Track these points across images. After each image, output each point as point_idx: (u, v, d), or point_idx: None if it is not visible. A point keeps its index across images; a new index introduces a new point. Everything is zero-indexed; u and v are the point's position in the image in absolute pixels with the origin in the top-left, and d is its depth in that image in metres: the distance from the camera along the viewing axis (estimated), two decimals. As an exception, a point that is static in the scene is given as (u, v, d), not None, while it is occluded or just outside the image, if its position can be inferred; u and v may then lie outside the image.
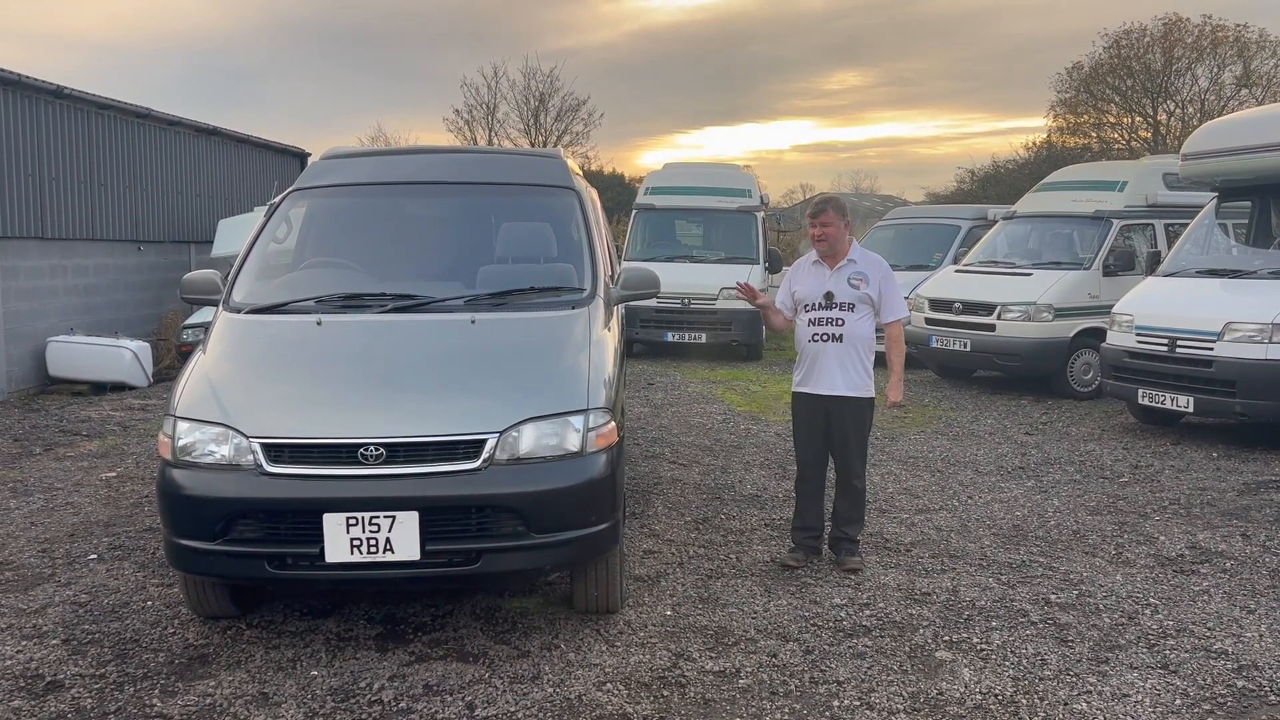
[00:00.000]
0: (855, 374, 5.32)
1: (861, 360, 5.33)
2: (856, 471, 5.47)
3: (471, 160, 6.29)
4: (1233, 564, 5.59)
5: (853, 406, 5.34)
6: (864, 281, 5.32)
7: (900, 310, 5.41)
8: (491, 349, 4.66)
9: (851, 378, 5.31)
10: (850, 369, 5.30)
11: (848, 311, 5.30)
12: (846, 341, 5.29)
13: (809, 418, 5.46)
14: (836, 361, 5.31)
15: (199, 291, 5.20)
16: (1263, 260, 9.04)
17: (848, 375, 5.31)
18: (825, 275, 5.39)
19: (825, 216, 5.29)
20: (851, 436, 5.39)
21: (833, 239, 5.32)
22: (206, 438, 4.19)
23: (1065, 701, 3.96)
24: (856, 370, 5.32)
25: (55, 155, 12.92)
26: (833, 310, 5.31)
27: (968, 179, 39.96)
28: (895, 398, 5.45)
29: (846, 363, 5.30)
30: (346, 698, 3.98)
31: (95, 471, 7.92)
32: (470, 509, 4.10)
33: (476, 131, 39.03)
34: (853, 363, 5.31)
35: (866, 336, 5.33)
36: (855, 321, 5.30)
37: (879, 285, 5.33)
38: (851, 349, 5.30)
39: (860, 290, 5.31)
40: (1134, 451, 8.52)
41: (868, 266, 5.38)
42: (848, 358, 5.30)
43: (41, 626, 4.74)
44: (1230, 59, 34.62)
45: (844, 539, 5.54)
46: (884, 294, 5.35)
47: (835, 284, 5.34)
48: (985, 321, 11.40)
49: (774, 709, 3.90)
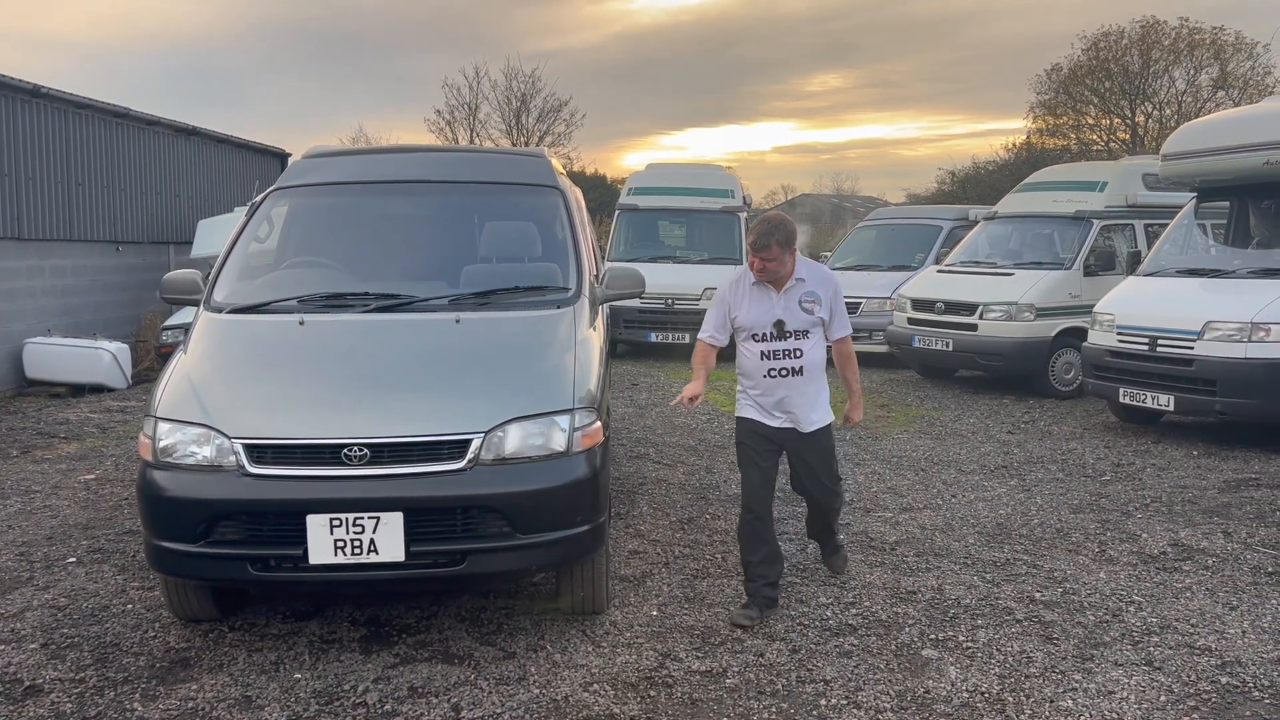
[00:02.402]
0: (820, 405, 4.81)
1: (823, 388, 4.84)
2: (830, 493, 5.02)
3: (455, 159, 6.26)
4: (1214, 561, 5.62)
5: (819, 437, 4.83)
6: (816, 303, 4.70)
7: (848, 325, 4.87)
8: (476, 349, 4.63)
9: (819, 410, 4.81)
10: (816, 400, 4.78)
11: (803, 339, 4.70)
12: (807, 373, 4.72)
13: (763, 446, 4.82)
14: (800, 395, 4.74)
15: (180, 291, 5.15)
16: (1241, 260, 9.11)
17: (815, 409, 4.78)
18: (771, 299, 4.69)
19: (769, 253, 4.57)
20: (823, 467, 4.91)
21: (774, 272, 4.65)
22: (188, 439, 4.14)
23: (1051, 699, 3.97)
24: (820, 399, 4.81)
25: (32, 155, 12.80)
26: (788, 340, 4.69)
27: (948, 180, 40.17)
28: (858, 418, 5.00)
29: (810, 394, 4.76)
30: (330, 700, 3.94)
31: (74, 474, 7.83)
32: (455, 509, 4.07)
33: (458, 132, 38.92)
34: (816, 392, 4.78)
35: (822, 359, 4.80)
36: (812, 348, 4.72)
37: (830, 304, 4.74)
38: (812, 380, 4.75)
39: (814, 314, 4.70)
40: (1115, 450, 8.56)
41: (818, 284, 4.73)
42: (810, 388, 4.76)
43: (20, 630, 4.68)
44: (1207, 61, 34.97)
45: (824, 545, 5.36)
46: (834, 312, 4.77)
47: (785, 309, 4.68)
48: (967, 321, 11.44)
49: (761, 708, 3.89)
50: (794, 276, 4.68)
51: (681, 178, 16.37)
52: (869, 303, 13.94)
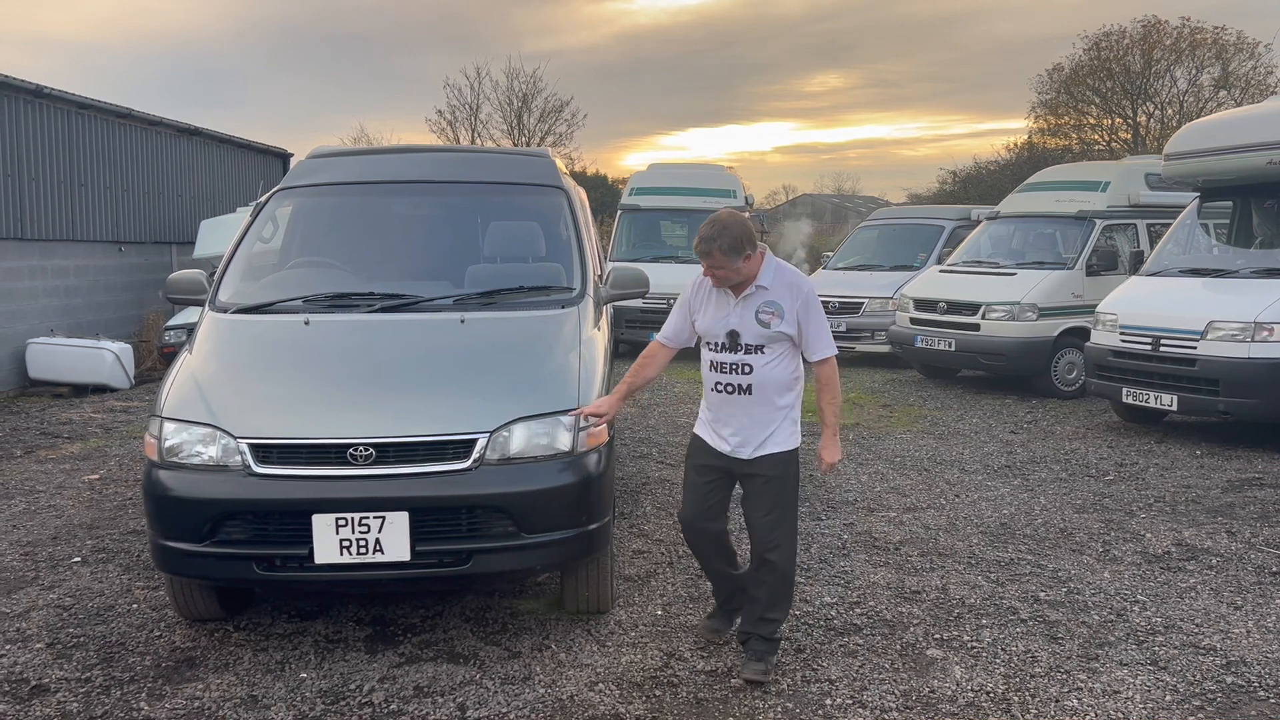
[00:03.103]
0: (773, 430, 4.10)
1: (780, 414, 4.11)
2: (775, 542, 4.09)
3: (459, 159, 6.27)
4: (1219, 561, 5.62)
5: (768, 466, 4.11)
6: (775, 315, 4.00)
7: (828, 346, 4.08)
8: (481, 348, 4.63)
9: (768, 435, 4.10)
10: (766, 425, 4.09)
11: (755, 355, 4.04)
12: (758, 392, 4.06)
13: (707, 475, 4.23)
14: (747, 417, 4.09)
15: (184, 291, 5.16)
16: (1245, 260, 9.11)
17: (762, 433, 4.09)
18: (729, 305, 4.09)
19: (712, 260, 3.95)
20: (768, 504, 4.11)
21: (725, 279, 4.03)
22: (193, 438, 4.15)
23: (1057, 699, 3.97)
24: (775, 425, 4.10)
25: (35, 155, 12.80)
26: (737, 353, 4.06)
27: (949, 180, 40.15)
28: (830, 458, 4.18)
29: (759, 418, 4.08)
30: (336, 700, 3.95)
31: (77, 474, 7.84)
32: (461, 509, 4.08)
33: (459, 132, 38.92)
34: (767, 415, 4.09)
35: (784, 379, 4.09)
36: (767, 366, 4.04)
37: (797, 317, 4.01)
38: (763, 401, 4.07)
39: (771, 328, 4.01)
40: (1119, 450, 8.56)
41: (781, 293, 4.02)
42: (760, 411, 4.08)
43: (25, 630, 4.68)
44: (1208, 61, 34.95)
45: (753, 636, 4.18)
46: (805, 327, 4.03)
47: (740, 319, 4.05)
48: (970, 321, 11.44)
49: (767, 708, 3.90)
50: (755, 283, 4.03)
51: (683, 178, 16.37)
52: (871, 303, 13.94)
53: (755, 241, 3.97)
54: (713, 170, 17.23)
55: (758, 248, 3.99)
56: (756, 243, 3.98)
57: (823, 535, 6.09)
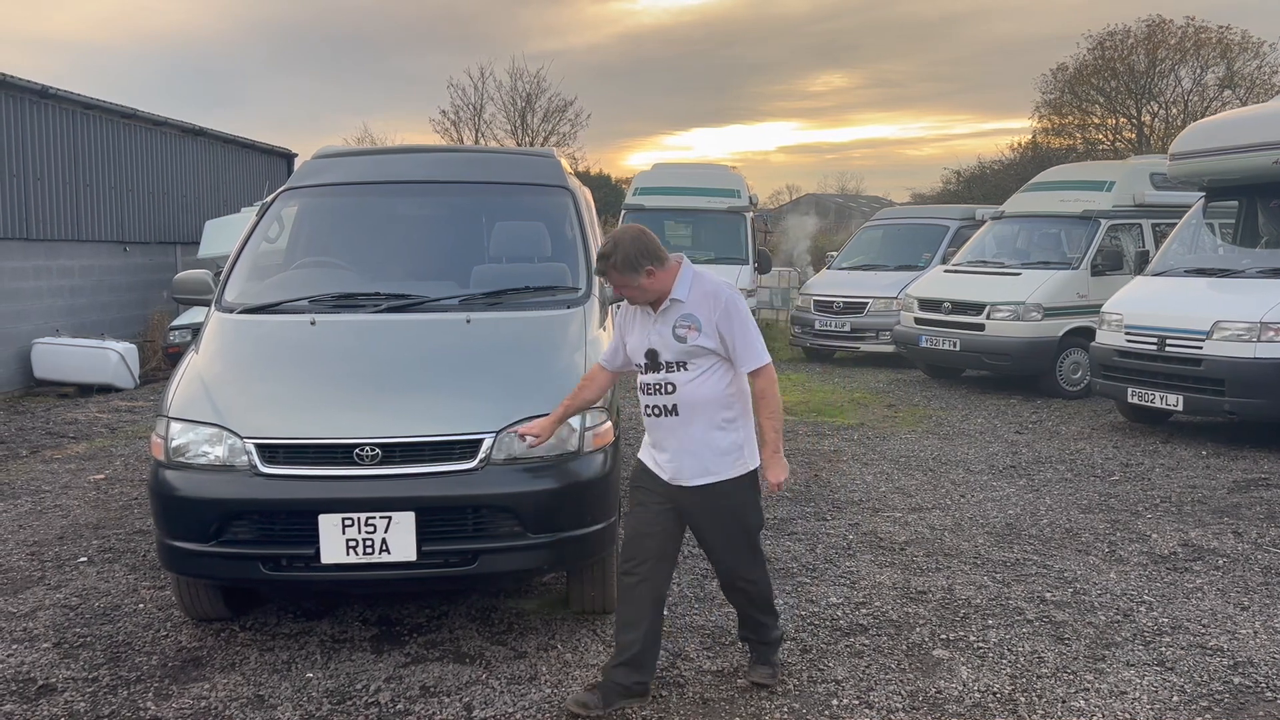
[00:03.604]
0: (713, 454, 3.76)
1: (716, 429, 3.76)
2: (743, 573, 3.93)
3: (465, 159, 6.27)
4: (1225, 561, 5.61)
5: (716, 495, 3.79)
6: (692, 329, 3.71)
7: (758, 355, 3.73)
8: (487, 348, 4.64)
9: (704, 460, 3.76)
10: (703, 448, 3.75)
11: (678, 372, 3.74)
12: (685, 413, 3.74)
13: (651, 500, 3.87)
14: (676, 440, 3.77)
15: (191, 291, 5.17)
16: (1250, 259, 9.10)
17: (701, 459, 3.76)
18: (649, 322, 3.82)
19: (610, 279, 3.78)
20: (724, 533, 3.86)
21: (634, 298, 3.80)
22: (200, 438, 4.16)
23: (1063, 699, 3.96)
24: (711, 446, 3.76)
25: (40, 155, 12.82)
26: (659, 373, 3.77)
27: (954, 180, 40.11)
28: (775, 478, 3.82)
29: (693, 440, 3.75)
30: (343, 700, 3.95)
31: (83, 474, 7.85)
32: (467, 509, 4.08)
33: (463, 132, 38.94)
34: (702, 437, 3.75)
35: (714, 396, 3.74)
36: (693, 383, 3.73)
37: (717, 328, 3.70)
38: (693, 422, 3.74)
39: (688, 343, 3.71)
40: (1124, 450, 8.55)
41: (698, 304, 3.73)
42: (692, 432, 3.75)
43: (32, 630, 4.69)
44: (1213, 60, 34.87)
45: (753, 640, 4.13)
46: (729, 338, 3.71)
47: (658, 336, 3.77)
48: (974, 321, 11.44)
49: (773, 708, 3.89)
50: (670, 296, 3.76)
51: (687, 178, 16.36)
52: (876, 302, 13.95)
53: (659, 255, 3.71)
54: (717, 170, 17.22)
55: (666, 262, 3.73)
56: (663, 256, 3.73)
57: (828, 535, 6.08)
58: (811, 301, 14.83)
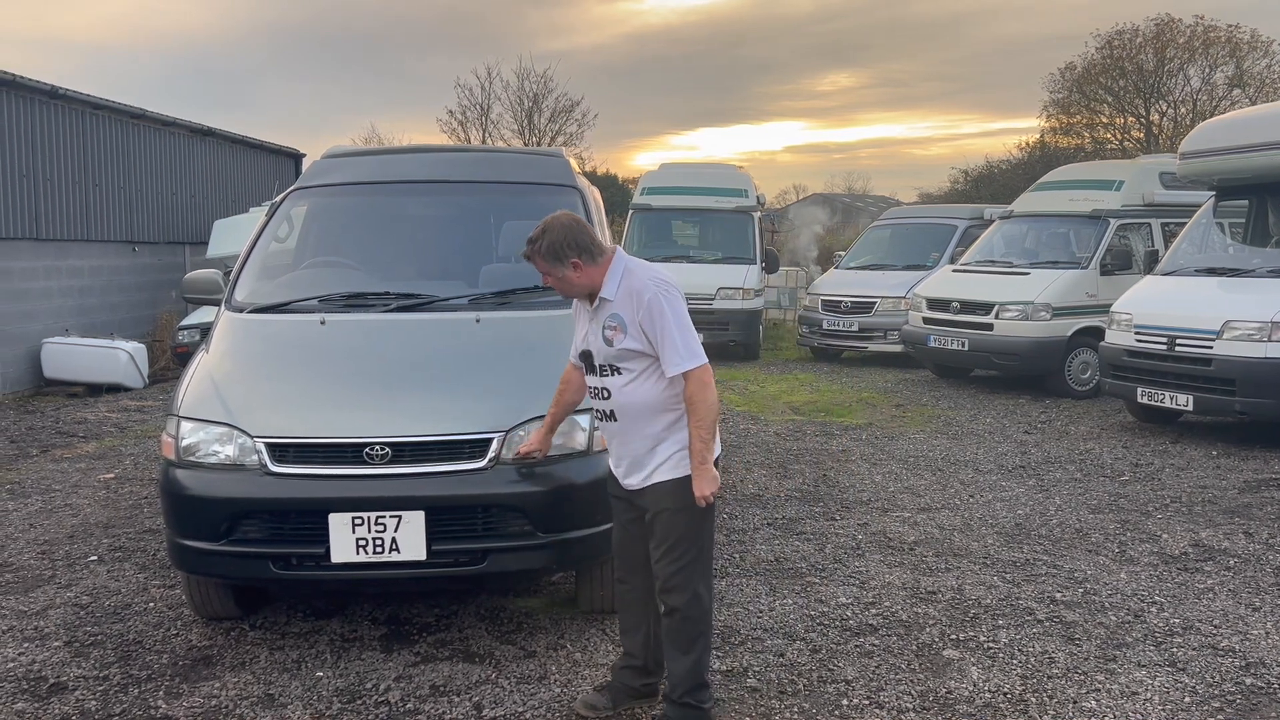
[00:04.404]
0: (648, 456, 3.54)
1: (656, 435, 3.52)
2: (670, 585, 3.54)
3: (473, 159, 6.27)
4: (1236, 562, 5.59)
5: (654, 496, 3.55)
6: (618, 330, 3.46)
7: (685, 357, 3.40)
8: (496, 348, 4.64)
9: (643, 463, 3.55)
10: (640, 452, 3.55)
11: (611, 377, 3.53)
12: (623, 419, 3.55)
13: (619, 507, 3.77)
14: (623, 446, 3.60)
15: (201, 291, 5.18)
16: (1261, 259, 9.06)
17: (647, 460, 3.54)
18: (587, 321, 3.64)
19: (537, 265, 3.56)
20: (659, 539, 3.55)
21: (562, 290, 3.62)
22: (210, 437, 4.16)
23: (1075, 699, 3.95)
24: (650, 450, 3.53)
25: (50, 156, 12.86)
26: (594, 376, 3.61)
27: (961, 179, 40.06)
28: (699, 491, 3.42)
29: (636, 444, 3.55)
30: (353, 699, 3.95)
31: (93, 473, 7.88)
32: (476, 508, 4.08)
33: (470, 132, 38.96)
34: (645, 441, 3.53)
35: (651, 402, 3.49)
36: (626, 388, 3.50)
37: (641, 328, 3.43)
38: (633, 427, 3.54)
39: (615, 345, 3.47)
40: (1134, 450, 8.52)
41: (624, 304, 3.46)
42: (634, 436, 3.55)
43: (43, 629, 4.71)
44: (1222, 59, 34.78)
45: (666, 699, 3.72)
46: (654, 339, 3.42)
47: (593, 337, 3.57)
48: (983, 321, 11.41)
49: (783, 708, 3.89)
50: (600, 294, 3.51)
51: (695, 177, 16.35)
52: (884, 302, 13.93)
53: (590, 249, 3.46)
54: (724, 169, 17.21)
55: (598, 256, 3.48)
56: (594, 250, 3.47)
57: (837, 535, 6.07)
58: (819, 301, 14.81)
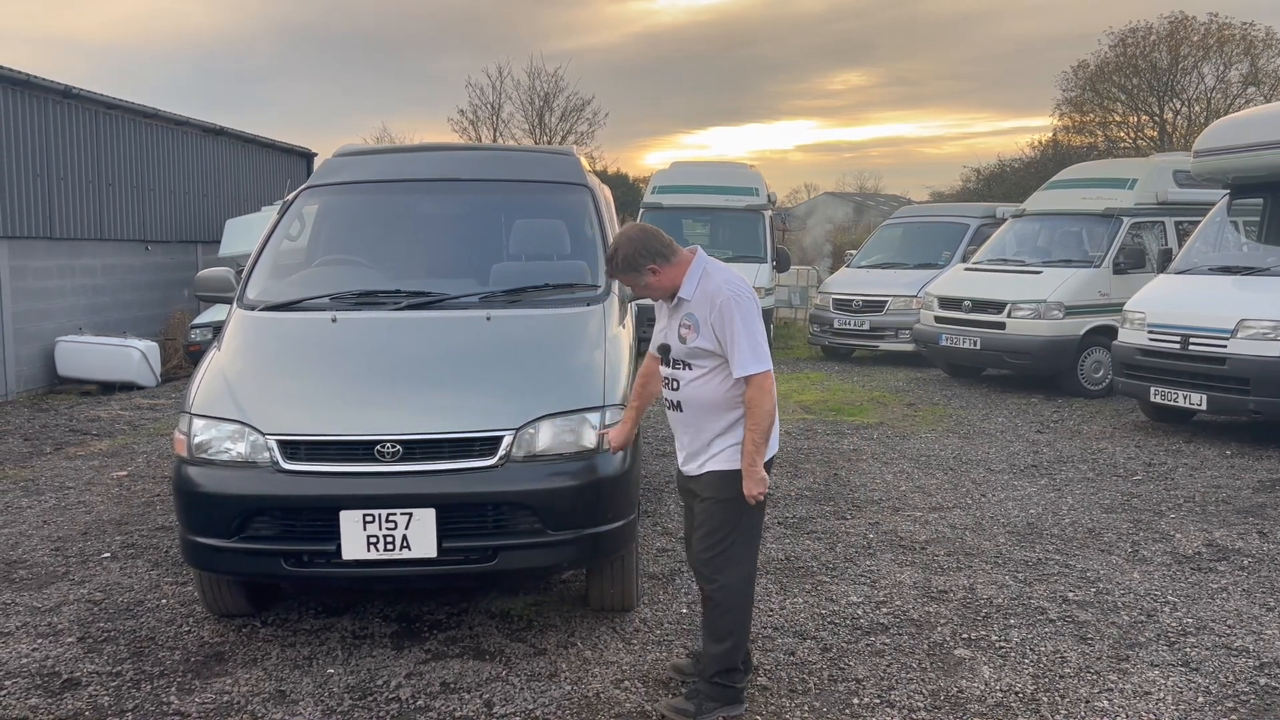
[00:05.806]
0: (706, 447, 3.72)
1: (718, 430, 3.69)
2: (710, 574, 3.73)
3: (484, 158, 6.28)
4: (1250, 561, 5.55)
5: (705, 483, 3.73)
6: (692, 329, 3.64)
7: (750, 362, 3.55)
8: (507, 346, 4.64)
9: (700, 453, 3.74)
10: (706, 444, 3.72)
11: (682, 370, 3.72)
12: (687, 410, 3.74)
13: (681, 483, 3.98)
14: (683, 434, 3.81)
15: (213, 289, 5.20)
16: (1276, 257, 8.99)
17: (704, 450, 3.73)
18: (667, 316, 3.82)
19: (620, 279, 3.83)
20: (704, 529, 3.74)
21: (642, 295, 3.84)
22: (222, 435, 4.18)
23: (1087, 699, 3.93)
24: (712, 443, 3.70)
25: (63, 155, 12.92)
26: (669, 368, 3.78)
27: (973, 178, 39.91)
28: (747, 490, 3.59)
29: (695, 435, 3.75)
30: (364, 695, 3.97)
31: (106, 470, 7.91)
32: (487, 506, 4.09)
33: (481, 131, 39.06)
34: (703, 434, 3.72)
35: (715, 399, 3.66)
36: (693, 384, 3.69)
37: (712, 330, 3.59)
38: (694, 420, 3.73)
39: (688, 344, 3.66)
40: (1147, 449, 8.48)
41: (700, 305, 3.63)
42: (694, 429, 3.75)
43: (57, 625, 4.73)
44: (1237, 57, 34.60)
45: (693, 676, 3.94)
46: (723, 341, 3.59)
47: (671, 332, 3.76)
48: (995, 320, 11.37)
49: (794, 706, 3.88)
50: (679, 294, 3.70)
51: (706, 176, 16.33)
52: (895, 301, 13.90)
53: (664, 253, 3.64)
54: (735, 168, 17.18)
55: (672, 257, 3.66)
56: (668, 253, 3.65)
57: (848, 534, 6.06)
58: (830, 300, 14.78)
